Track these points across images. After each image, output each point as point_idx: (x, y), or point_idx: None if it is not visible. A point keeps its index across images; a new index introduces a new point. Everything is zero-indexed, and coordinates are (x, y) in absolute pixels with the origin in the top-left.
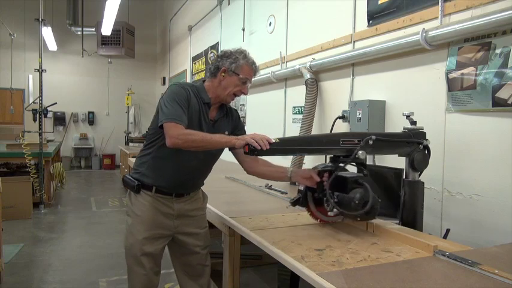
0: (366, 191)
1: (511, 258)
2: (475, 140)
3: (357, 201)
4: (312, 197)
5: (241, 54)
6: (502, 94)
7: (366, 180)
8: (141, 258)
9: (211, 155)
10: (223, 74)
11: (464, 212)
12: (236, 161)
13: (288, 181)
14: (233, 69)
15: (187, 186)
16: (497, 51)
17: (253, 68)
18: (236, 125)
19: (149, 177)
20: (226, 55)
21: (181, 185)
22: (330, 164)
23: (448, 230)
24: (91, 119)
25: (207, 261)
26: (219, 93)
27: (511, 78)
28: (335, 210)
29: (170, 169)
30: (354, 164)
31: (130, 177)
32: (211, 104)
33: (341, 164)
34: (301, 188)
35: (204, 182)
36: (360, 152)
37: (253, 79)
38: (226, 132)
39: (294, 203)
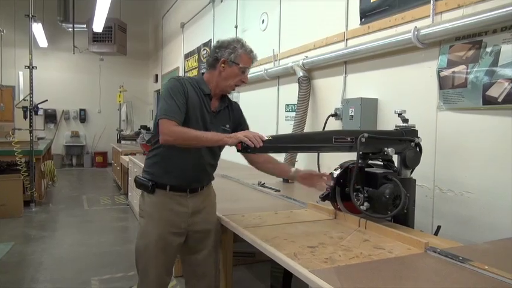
0: (396, 186)
1: (501, 254)
2: (466, 138)
3: (387, 196)
4: (340, 192)
5: (239, 43)
6: (492, 92)
7: (395, 176)
8: (155, 260)
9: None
10: (223, 65)
11: (455, 209)
12: (229, 159)
13: (290, 179)
14: (232, 59)
15: (199, 179)
16: (488, 49)
17: (251, 56)
18: (239, 120)
19: (162, 177)
20: (224, 45)
21: (194, 179)
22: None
23: (439, 227)
24: (82, 116)
25: (215, 260)
26: (219, 84)
27: (501, 77)
28: (366, 204)
29: (180, 166)
30: (380, 160)
31: (143, 178)
32: (211, 95)
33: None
34: (331, 183)
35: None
36: (389, 149)
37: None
38: (228, 125)
39: (324, 198)
